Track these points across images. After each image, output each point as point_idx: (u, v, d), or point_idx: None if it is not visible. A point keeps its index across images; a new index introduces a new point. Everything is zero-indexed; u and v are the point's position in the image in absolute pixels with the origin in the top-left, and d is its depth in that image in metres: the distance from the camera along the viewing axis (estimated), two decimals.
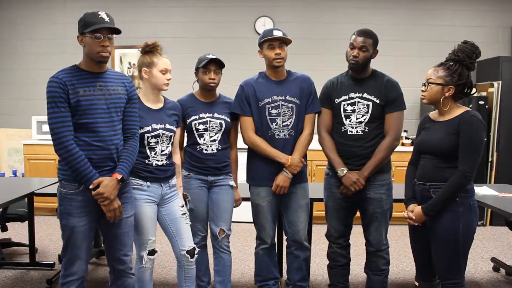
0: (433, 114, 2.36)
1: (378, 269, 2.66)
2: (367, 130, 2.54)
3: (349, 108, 2.56)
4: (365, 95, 2.54)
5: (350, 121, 2.56)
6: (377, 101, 2.53)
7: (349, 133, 2.56)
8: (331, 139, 2.63)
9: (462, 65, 2.21)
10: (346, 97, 2.58)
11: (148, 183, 2.43)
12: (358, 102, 2.55)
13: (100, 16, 2.05)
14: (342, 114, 2.58)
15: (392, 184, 2.65)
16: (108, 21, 2.06)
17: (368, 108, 2.53)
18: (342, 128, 2.58)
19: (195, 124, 2.68)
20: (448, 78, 2.21)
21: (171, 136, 2.50)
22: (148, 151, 2.43)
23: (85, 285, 2.20)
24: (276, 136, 2.65)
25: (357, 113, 2.55)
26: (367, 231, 2.65)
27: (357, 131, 2.55)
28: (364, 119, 2.54)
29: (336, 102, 2.60)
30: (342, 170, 2.54)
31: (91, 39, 2.03)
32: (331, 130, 2.66)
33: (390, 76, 2.61)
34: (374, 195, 2.57)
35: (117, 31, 2.08)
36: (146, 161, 2.42)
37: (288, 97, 2.65)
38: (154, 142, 2.43)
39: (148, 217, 2.42)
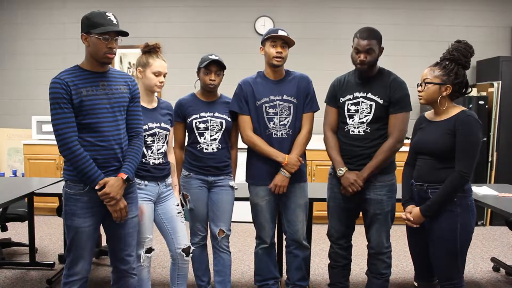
0: (428, 114, 2.34)
1: (378, 272, 2.63)
2: (369, 131, 2.51)
3: (353, 108, 2.54)
4: (369, 95, 2.50)
5: (353, 121, 2.54)
6: (381, 101, 2.48)
7: (351, 133, 2.54)
8: (335, 138, 2.61)
9: (457, 64, 2.20)
10: (351, 96, 2.55)
11: (146, 182, 2.45)
12: (362, 102, 2.52)
13: (108, 17, 2.04)
14: (346, 113, 2.56)
15: (396, 185, 2.59)
16: (116, 23, 2.06)
17: (371, 108, 2.50)
18: (345, 127, 2.56)
19: (196, 123, 2.68)
20: (445, 77, 2.20)
21: (166, 134, 2.52)
22: (145, 149, 2.43)
23: (87, 286, 2.20)
24: (273, 135, 2.65)
25: (360, 113, 2.52)
26: (368, 233, 2.63)
27: (358, 131, 2.53)
28: (366, 120, 2.51)
29: (341, 101, 2.58)
30: (341, 170, 2.53)
31: (98, 39, 2.02)
32: (336, 129, 2.63)
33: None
34: (374, 196, 2.54)
35: (125, 34, 2.08)
36: (143, 160, 2.43)
37: (285, 97, 2.65)
38: (150, 141, 2.45)
39: (146, 216, 2.43)
